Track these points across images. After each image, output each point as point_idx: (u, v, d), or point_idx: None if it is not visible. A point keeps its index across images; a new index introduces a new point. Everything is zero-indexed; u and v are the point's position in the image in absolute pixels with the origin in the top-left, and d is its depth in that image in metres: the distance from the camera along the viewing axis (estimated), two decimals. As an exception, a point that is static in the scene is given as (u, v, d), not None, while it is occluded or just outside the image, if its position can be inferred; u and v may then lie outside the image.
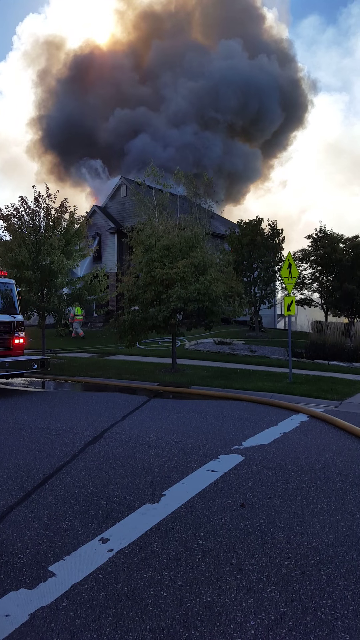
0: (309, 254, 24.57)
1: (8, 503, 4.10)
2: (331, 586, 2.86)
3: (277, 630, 2.47)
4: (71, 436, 6.34)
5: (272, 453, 5.53)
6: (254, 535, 3.49)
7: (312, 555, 3.21)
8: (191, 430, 6.61)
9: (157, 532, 3.54)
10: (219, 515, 3.84)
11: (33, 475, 4.81)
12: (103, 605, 2.67)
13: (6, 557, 3.19)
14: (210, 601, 2.71)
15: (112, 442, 6.02)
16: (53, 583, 2.89)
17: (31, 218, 14.77)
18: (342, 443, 6.02)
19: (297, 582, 2.89)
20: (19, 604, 2.69)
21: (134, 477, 4.73)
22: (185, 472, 4.85)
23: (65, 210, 15.09)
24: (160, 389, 10.45)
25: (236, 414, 7.78)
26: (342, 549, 3.30)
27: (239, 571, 3.01)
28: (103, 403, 8.83)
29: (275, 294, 26.17)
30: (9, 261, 13.91)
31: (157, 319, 11.53)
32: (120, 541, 3.40)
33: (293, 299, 11.18)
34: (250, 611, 2.62)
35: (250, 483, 4.54)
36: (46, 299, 14.77)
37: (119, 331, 12.68)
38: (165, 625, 2.50)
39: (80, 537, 3.47)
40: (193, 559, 3.16)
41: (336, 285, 23.17)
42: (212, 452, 5.58)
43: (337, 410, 8.22)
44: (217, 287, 11.81)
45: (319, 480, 4.62)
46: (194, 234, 12.56)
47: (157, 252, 11.99)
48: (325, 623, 2.52)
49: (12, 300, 11.12)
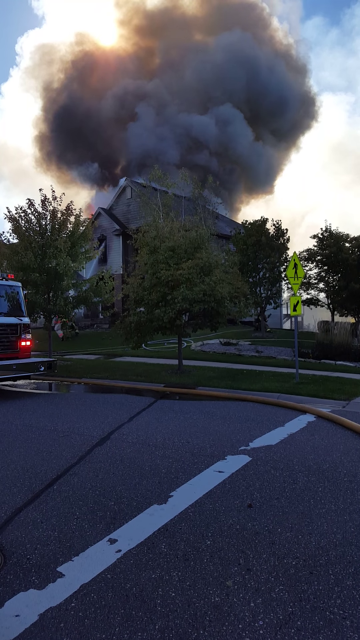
0: (314, 253, 24.51)
1: (17, 504, 4.13)
2: (339, 586, 2.85)
3: (286, 630, 2.47)
4: (78, 438, 6.36)
5: (279, 453, 5.52)
6: (261, 535, 3.49)
7: (320, 555, 3.21)
8: (198, 431, 6.62)
9: (165, 533, 3.55)
10: (226, 515, 3.84)
11: (41, 476, 4.83)
12: (112, 606, 2.68)
13: (15, 558, 3.21)
14: (219, 601, 2.71)
15: (119, 444, 6.03)
16: (62, 584, 2.90)
17: (38, 221, 14.86)
18: (350, 443, 6.00)
19: (305, 582, 2.89)
20: (28, 605, 2.70)
21: (141, 478, 4.74)
22: (193, 473, 4.86)
23: (71, 213, 15.17)
24: (167, 390, 10.46)
25: (243, 415, 7.77)
26: (350, 548, 3.29)
27: (247, 571, 3.01)
28: (110, 404, 8.85)
29: (281, 294, 26.10)
30: (16, 264, 14.00)
31: (163, 320, 11.54)
32: (129, 542, 3.41)
33: (299, 299, 11.16)
34: (258, 611, 2.62)
35: (258, 483, 4.54)
36: (52, 301, 14.84)
37: (124, 333, 12.71)
38: (174, 625, 2.51)
39: (88, 538, 3.49)
40: (201, 559, 3.17)
41: (342, 284, 23.10)
42: (219, 452, 5.58)
43: (344, 410, 8.19)
44: (223, 287, 11.81)
45: (326, 481, 4.61)
46: (199, 235, 12.55)
47: (162, 253, 12.00)
48: (334, 623, 2.52)
49: (19, 303, 11.19)
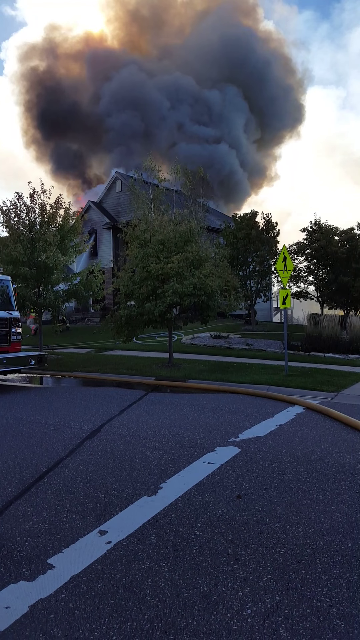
0: (304, 246, 24.55)
1: (7, 497, 4.13)
2: (327, 574, 2.90)
3: (273, 618, 2.51)
4: (69, 431, 6.37)
5: (268, 445, 5.58)
6: (250, 525, 3.53)
7: (307, 544, 3.26)
8: (188, 424, 6.65)
9: (154, 524, 3.58)
10: (215, 506, 3.88)
11: (32, 469, 4.83)
12: (102, 596, 2.71)
13: (5, 551, 3.22)
14: (207, 591, 2.75)
15: (110, 436, 6.05)
16: (52, 575, 2.92)
17: (27, 214, 14.73)
18: (338, 434, 6.07)
19: (293, 571, 2.94)
20: (18, 596, 2.72)
21: (131, 470, 4.76)
22: (183, 465, 4.89)
23: (61, 206, 15.06)
24: (157, 383, 10.49)
25: (232, 407, 7.82)
26: (337, 538, 3.34)
27: (235, 561, 3.05)
28: (100, 398, 8.86)
29: (271, 287, 26.17)
30: (5, 257, 13.89)
31: (154, 314, 11.55)
32: (119, 533, 3.44)
33: (288, 292, 11.22)
34: (246, 600, 2.66)
35: (247, 474, 4.59)
36: (42, 295, 14.76)
37: (115, 327, 12.69)
38: (163, 614, 2.54)
39: (78, 529, 3.51)
40: (190, 549, 3.20)
41: (331, 277, 23.20)
42: (209, 444, 5.62)
43: (332, 401, 8.27)
44: (213, 281, 11.83)
45: (314, 471, 4.67)
46: (189, 229, 12.54)
47: (152, 247, 11.98)
48: (321, 610, 2.57)
49: (9, 297, 11.13)
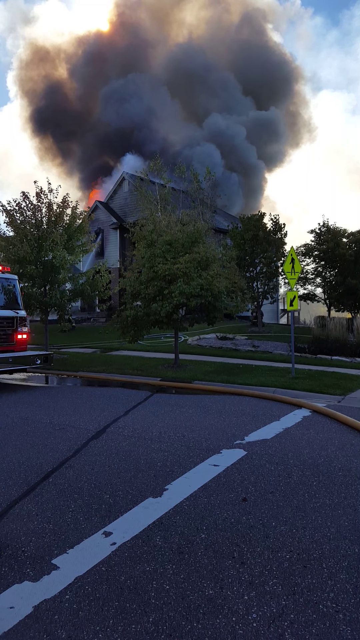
0: (312, 248, 24.47)
1: (12, 497, 4.13)
2: (333, 579, 2.87)
3: (279, 622, 2.48)
4: (74, 431, 6.37)
5: (275, 448, 5.54)
6: (256, 529, 3.50)
7: (314, 549, 3.22)
8: (194, 425, 6.63)
9: (159, 526, 3.56)
10: (221, 509, 3.85)
11: (36, 469, 4.83)
12: (106, 598, 2.69)
13: (10, 551, 3.21)
14: (213, 594, 2.73)
15: (115, 437, 6.04)
16: (57, 576, 2.91)
17: (33, 213, 14.78)
18: (345, 438, 6.02)
19: (299, 576, 2.91)
20: (22, 597, 2.71)
21: (136, 471, 4.75)
22: (188, 467, 4.87)
23: (67, 206, 15.09)
24: (163, 384, 10.47)
25: (238, 409, 7.79)
26: (344, 542, 3.31)
27: (241, 564, 3.03)
28: (106, 398, 8.86)
29: (277, 289, 26.11)
30: (12, 257, 13.95)
31: (160, 315, 11.54)
32: (123, 535, 3.42)
33: (296, 294, 11.17)
34: (252, 604, 2.63)
35: (253, 477, 4.56)
36: (49, 294, 14.79)
37: (121, 327, 12.69)
38: (167, 617, 2.52)
39: (83, 530, 3.49)
40: (195, 552, 3.18)
41: (339, 280, 23.09)
42: (215, 446, 5.59)
43: (339, 405, 8.22)
44: (220, 282, 11.80)
45: (321, 475, 4.63)
46: (196, 229, 12.52)
47: (159, 247, 11.97)
48: (327, 616, 2.54)
49: (15, 296, 11.15)
